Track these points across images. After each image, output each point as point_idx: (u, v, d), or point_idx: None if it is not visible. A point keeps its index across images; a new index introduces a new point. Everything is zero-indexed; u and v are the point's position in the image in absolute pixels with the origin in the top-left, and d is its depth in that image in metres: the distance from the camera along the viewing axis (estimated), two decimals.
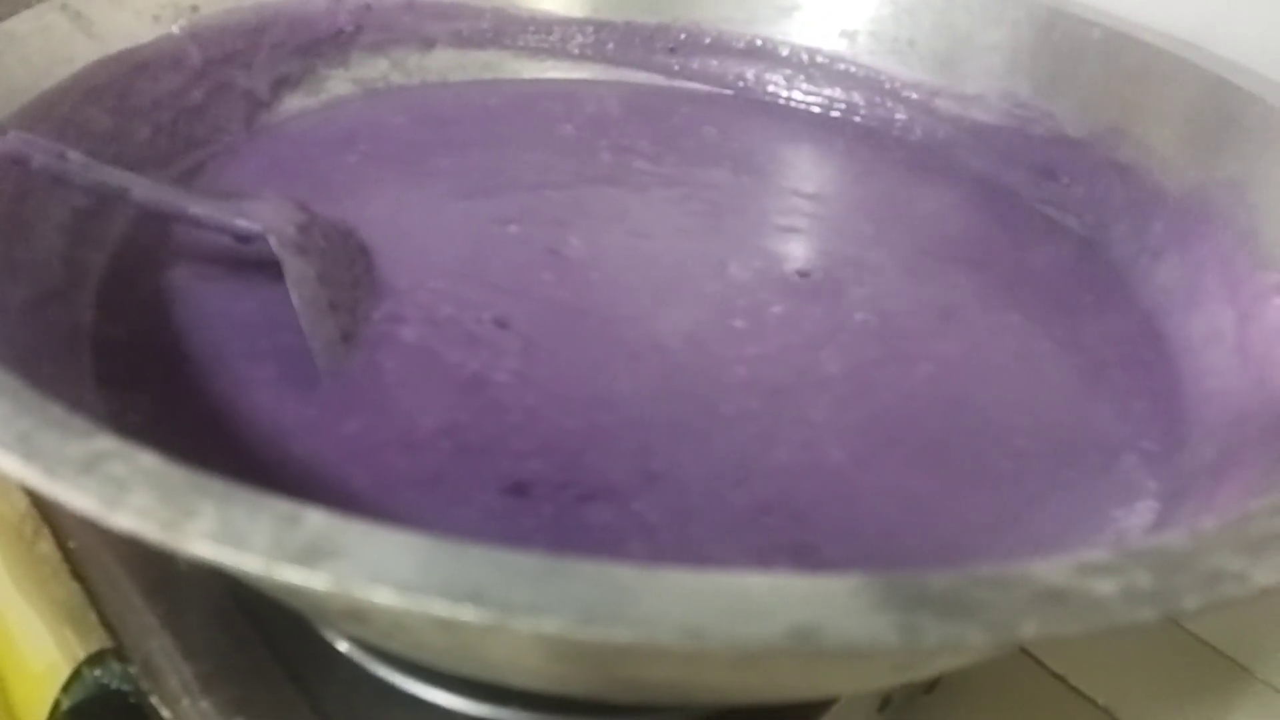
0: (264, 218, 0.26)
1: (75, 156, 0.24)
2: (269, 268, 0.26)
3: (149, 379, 0.24)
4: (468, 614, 0.11)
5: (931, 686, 0.31)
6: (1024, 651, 0.33)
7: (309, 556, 0.12)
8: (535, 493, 0.21)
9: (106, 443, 0.13)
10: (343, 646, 0.24)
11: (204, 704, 0.23)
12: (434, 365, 0.25)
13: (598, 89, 0.40)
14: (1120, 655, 0.33)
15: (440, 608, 0.11)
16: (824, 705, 0.23)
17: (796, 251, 0.32)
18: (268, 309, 0.26)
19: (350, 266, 0.27)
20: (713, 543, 0.21)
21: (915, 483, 0.23)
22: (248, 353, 0.25)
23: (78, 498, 0.12)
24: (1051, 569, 0.13)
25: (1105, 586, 0.13)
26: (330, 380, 0.24)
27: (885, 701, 0.27)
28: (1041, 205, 0.35)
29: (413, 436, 0.23)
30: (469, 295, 0.27)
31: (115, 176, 0.25)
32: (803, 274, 0.30)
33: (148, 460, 0.13)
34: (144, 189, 0.25)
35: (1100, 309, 0.30)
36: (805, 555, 0.21)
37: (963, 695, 0.32)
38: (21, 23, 0.28)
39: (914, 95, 0.38)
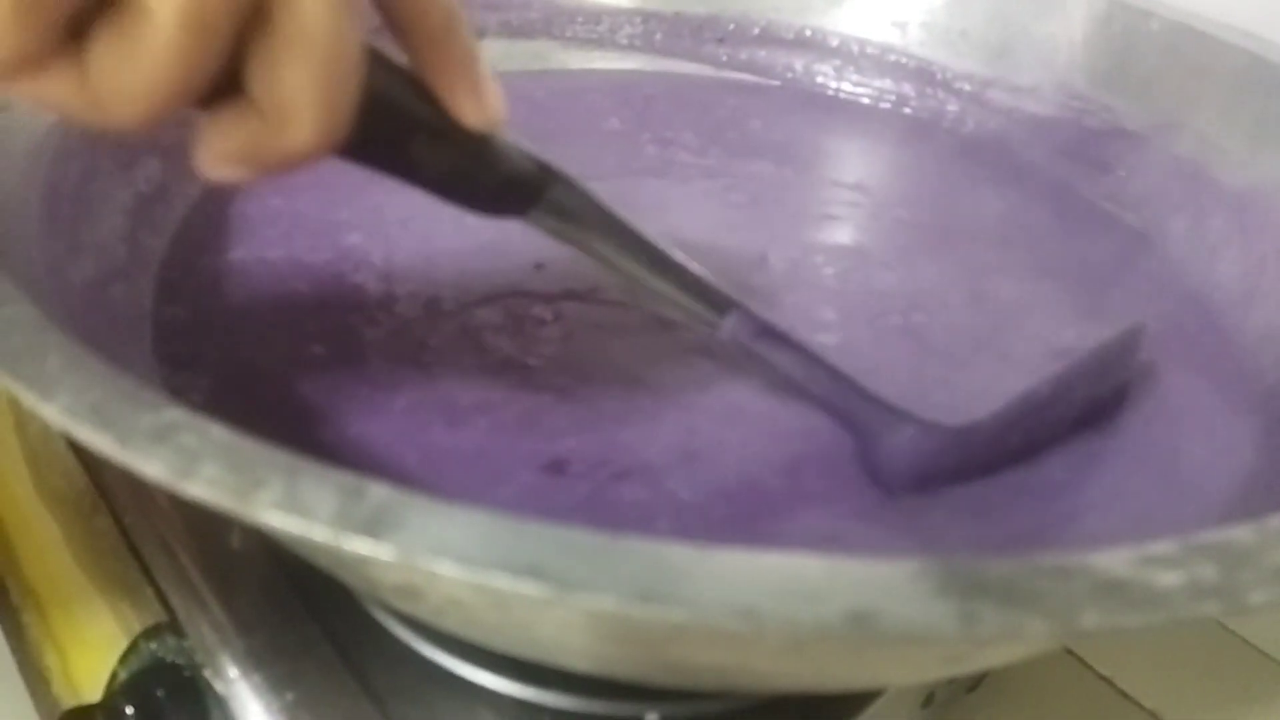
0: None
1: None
2: (319, 250, 0.26)
3: (207, 358, 0.24)
4: (528, 588, 0.12)
5: (975, 684, 0.30)
6: (1070, 652, 0.33)
7: (374, 527, 0.12)
8: (572, 471, 0.22)
9: (177, 414, 0.13)
10: (391, 625, 0.24)
11: (256, 678, 0.23)
12: (477, 347, 0.25)
13: (645, 80, 0.40)
14: (1168, 658, 0.33)
15: (501, 581, 0.12)
16: (868, 698, 0.23)
17: (838, 244, 0.31)
18: (320, 290, 0.26)
19: None
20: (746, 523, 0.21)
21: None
22: (302, 333, 0.25)
23: (150, 466, 0.13)
24: (1113, 560, 0.13)
25: (1168, 579, 0.13)
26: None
27: (929, 698, 0.27)
28: (1097, 199, 0.34)
29: (454, 414, 0.23)
30: (510, 283, 0.27)
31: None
32: (841, 268, 0.30)
33: (218, 432, 0.13)
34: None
35: (1157, 305, 0.29)
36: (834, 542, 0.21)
37: (1007, 694, 0.31)
38: None
39: (966, 87, 0.37)
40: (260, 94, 0.14)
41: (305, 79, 0.14)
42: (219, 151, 0.15)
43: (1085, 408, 0.24)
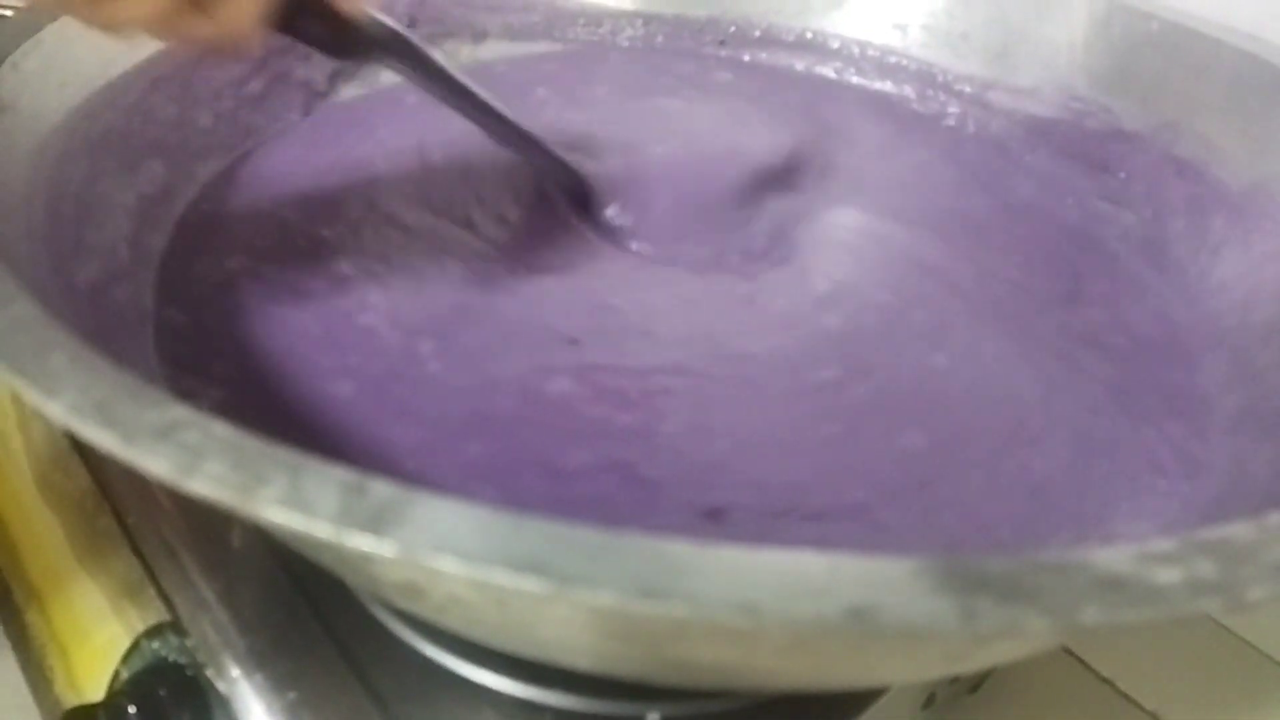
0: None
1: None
2: (319, 253, 0.26)
3: (208, 359, 0.24)
4: (529, 584, 0.12)
5: (976, 686, 0.30)
6: (1070, 653, 0.33)
7: (376, 524, 0.12)
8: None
9: (181, 412, 0.13)
10: (393, 624, 0.24)
11: (258, 677, 0.23)
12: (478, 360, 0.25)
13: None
14: (1169, 659, 0.33)
15: (503, 577, 0.12)
16: (869, 699, 0.23)
17: (836, 244, 0.31)
18: (324, 294, 0.26)
19: None
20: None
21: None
22: (302, 334, 0.25)
23: (154, 464, 0.13)
24: (1113, 556, 0.13)
25: (1168, 575, 0.13)
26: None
27: (930, 699, 0.27)
28: (1097, 200, 0.34)
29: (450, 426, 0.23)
30: None
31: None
32: (839, 266, 0.30)
33: (221, 429, 0.13)
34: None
35: (1155, 305, 0.29)
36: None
37: (1007, 696, 0.31)
38: None
39: (967, 88, 0.37)
40: None
41: None
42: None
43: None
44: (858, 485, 0.22)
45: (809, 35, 0.40)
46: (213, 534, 0.26)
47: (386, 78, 0.38)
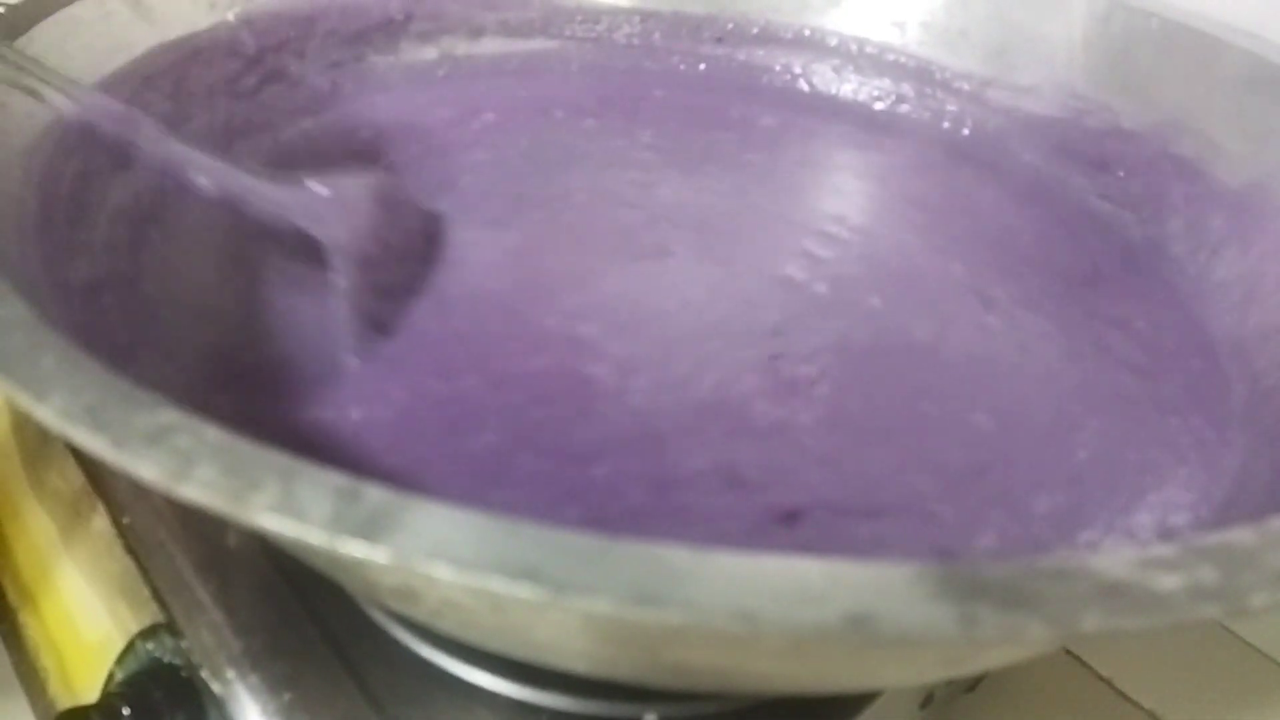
0: (326, 215, 0.26)
1: (149, 129, 0.24)
2: (320, 255, 0.26)
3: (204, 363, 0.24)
4: (524, 591, 0.11)
5: (974, 685, 0.30)
6: (1069, 653, 0.33)
7: (370, 530, 0.12)
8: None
9: (172, 416, 0.13)
10: (389, 626, 0.24)
11: (253, 678, 0.23)
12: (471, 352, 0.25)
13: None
14: (1168, 659, 0.33)
15: (498, 584, 0.11)
16: (866, 700, 0.23)
17: (833, 241, 0.31)
18: (322, 302, 0.26)
19: (407, 251, 0.27)
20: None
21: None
22: (301, 340, 0.25)
23: (145, 469, 0.13)
24: (1113, 562, 0.13)
25: (1169, 582, 0.13)
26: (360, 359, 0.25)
27: (927, 699, 0.27)
28: (1096, 199, 0.34)
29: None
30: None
31: (183, 154, 0.25)
32: (834, 273, 0.30)
33: (213, 434, 0.13)
34: (212, 172, 0.25)
35: (1155, 305, 0.29)
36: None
37: (1006, 695, 0.31)
38: (85, 9, 0.28)
39: (965, 86, 0.37)
40: None
41: None
42: None
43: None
44: (923, 476, 0.22)
45: (807, 32, 0.40)
46: (208, 535, 0.26)
47: (387, 77, 0.38)
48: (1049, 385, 0.26)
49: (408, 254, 0.28)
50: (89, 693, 0.26)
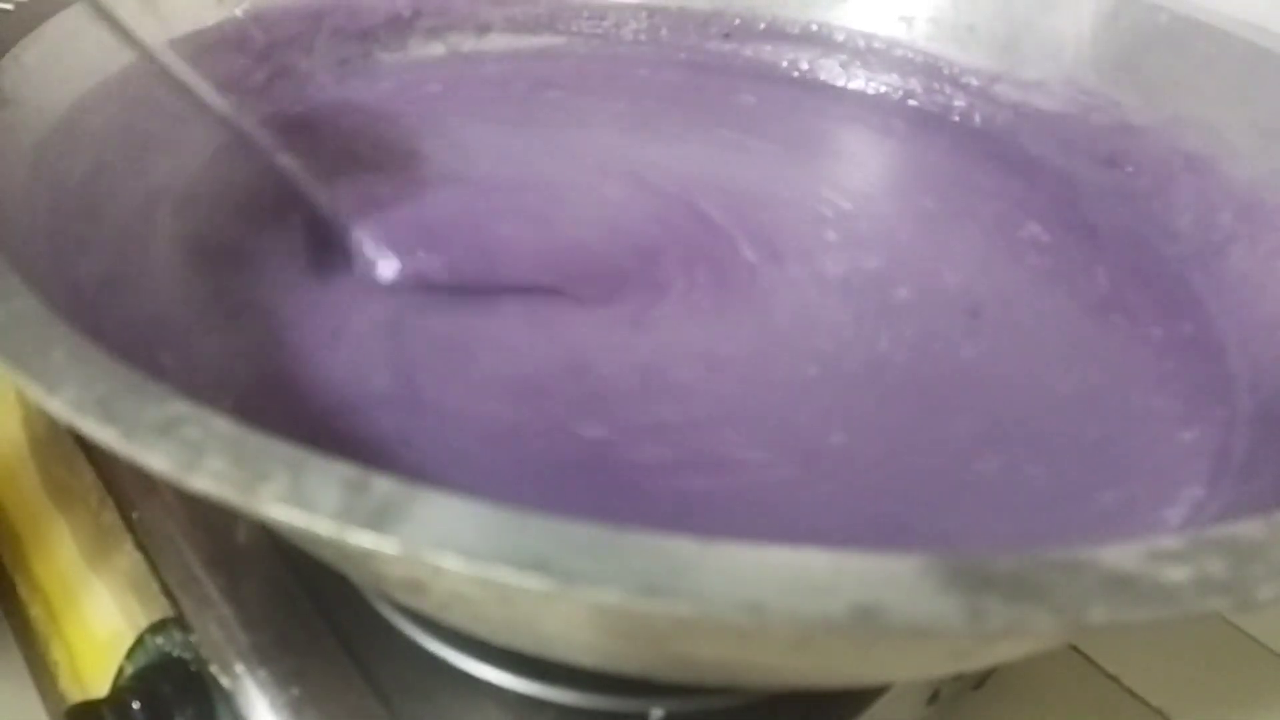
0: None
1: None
2: (334, 254, 0.26)
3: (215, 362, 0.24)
4: (532, 582, 0.12)
5: (981, 682, 0.30)
6: (1076, 650, 0.33)
7: (378, 521, 0.12)
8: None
9: (182, 407, 0.13)
10: (397, 621, 0.24)
11: (261, 673, 0.23)
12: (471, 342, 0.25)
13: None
14: (1176, 656, 0.33)
15: (506, 575, 0.12)
16: (873, 695, 0.23)
17: (841, 235, 0.31)
18: (332, 294, 0.26)
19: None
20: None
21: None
22: (313, 339, 0.25)
23: (155, 460, 0.13)
24: (1121, 554, 0.13)
25: (1176, 574, 0.13)
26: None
27: (934, 695, 0.27)
28: (1104, 194, 0.34)
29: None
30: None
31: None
32: (843, 257, 0.30)
33: (222, 425, 0.13)
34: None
35: (1163, 301, 0.29)
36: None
37: (1013, 691, 0.31)
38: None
39: (973, 81, 0.37)
40: None
41: None
42: None
43: None
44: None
45: (814, 28, 0.40)
46: (217, 530, 0.26)
47: (392, 75, 0.38)
48: (1053, 378, 0.26)
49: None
50: (99, 687, 0.26)
